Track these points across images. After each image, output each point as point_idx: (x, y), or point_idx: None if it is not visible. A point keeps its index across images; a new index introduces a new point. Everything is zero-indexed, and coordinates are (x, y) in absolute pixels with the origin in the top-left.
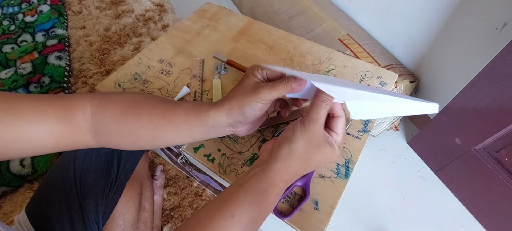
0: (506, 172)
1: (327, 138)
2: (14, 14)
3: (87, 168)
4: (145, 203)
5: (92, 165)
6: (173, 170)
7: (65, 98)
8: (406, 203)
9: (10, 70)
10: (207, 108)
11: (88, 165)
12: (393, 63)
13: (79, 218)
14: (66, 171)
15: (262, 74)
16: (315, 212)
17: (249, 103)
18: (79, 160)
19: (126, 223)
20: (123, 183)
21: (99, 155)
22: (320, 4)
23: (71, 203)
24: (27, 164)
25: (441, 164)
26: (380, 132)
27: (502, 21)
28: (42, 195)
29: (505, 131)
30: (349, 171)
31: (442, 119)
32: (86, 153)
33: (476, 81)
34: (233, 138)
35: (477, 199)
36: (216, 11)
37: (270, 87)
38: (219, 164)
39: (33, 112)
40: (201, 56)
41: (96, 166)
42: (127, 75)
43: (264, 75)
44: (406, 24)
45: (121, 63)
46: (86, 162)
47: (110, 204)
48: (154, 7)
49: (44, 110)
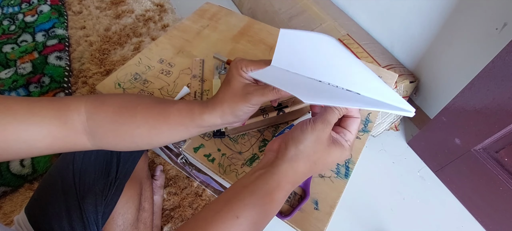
0: (506, 172)
1: (337, 138)
2: (14, 14)
3: (86, 168)
4: (144, 203)
5: (91, 165)
6: (173, 170)
7: (60, 100)
8: (406, 203)
9: (10, 70)
10: (201, 111)
11: (87, 165)
12: (393, 63)
13: (78, 218)
14: (65, 172)
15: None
16: (315, 212)
17: (241, 108)
18: (78, 160)
19: (126, 223)
20: (122, 183)
21: (98, 155)
22: (320, 4)
23: (70, 203)
24: (27, 164)
25: (441, 164)
26: (380, 132)
27: (502, 21)
28: (41, 195)
29: (505, 131)
30: (349, 171)
31: (442, 119)
32: (85, 153)
33: (476, 81)
34: (233, 138)
35: (477, 199)
36: (216, 11)
37: (260, 94)
38: (219, 164)
39: (28, 114)
40: (201, 56)
41: (95, 166)
42: (127, 75)
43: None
44: (406, 24)
45: (121, 63)
46: (85, 162)
47: (110, 204)
48: (154, 7)
49: (39, 112)
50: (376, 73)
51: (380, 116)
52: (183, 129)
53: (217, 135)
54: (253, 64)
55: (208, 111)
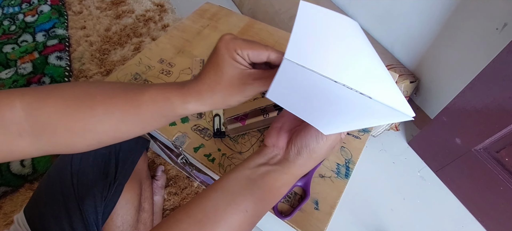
0: (506, 172)
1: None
2: (14, 14)
3: (84, 170)
4: (144, 203)
5: (89, 166)
6: (173, 170)
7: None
8: (406, 203)
9: (11, 70)
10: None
11: (85, 167)
12: (393, 63)
13: (78, 220)
14: (63, 173)
15: (243, 56)
16: (315, 212)
17: (237, 100)
18: (76, 161)
19: (125, 224)
20: (121, 184)
21: (97, 156)
22: (320, 4)
23: (70, 205)
24: (28, 164)
25: (441, 164)
26: (380, 132)
27: (502, 21)
28: (40, 196)
29: (505, 131)
30: (349, 171)
31: (443, 119)
32: (83, 154)
33: (476, 82)
34: (233, 138)
35: (477, 199)
36: (216, 11)
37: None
38: (219, 164)
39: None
40: (201, 56)
41: (93, 167)
42: (127, 75)
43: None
44: (406, 24)
45: (121, 64)
46: (83, 164)
47: (109, 205)
48: (154, 7)
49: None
50: None
51: None
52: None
53: (217, 135)
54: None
55: (193, 100)
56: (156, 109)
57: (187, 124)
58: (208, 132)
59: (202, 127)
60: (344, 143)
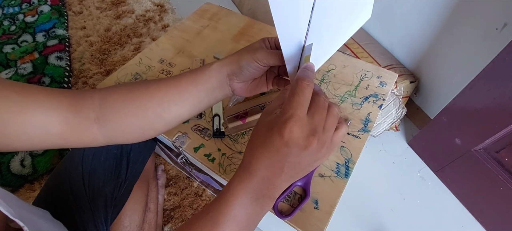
0: (506, 172)
1: None
2: (14, 15)
3: (95, 169)
4: (150, 204)
5: (100, 166)
6: (173, 170)
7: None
8: (406, 203)
9: (11, 70)
10: (211, 64)
11: (96, 166)
12: (393, 63)
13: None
14: (74, 172)
15: (271, 42)
16: (315, 211)
17: (247, 59)
18: (88, 161)
19: (132, 224)
20: (131, 184)
21: (108, 156)
22: None
23: (80, 204)
24: (28, 164)
25: (441, 164)
26: (380, 132)
27: (502, 21)
28: (48, 194)
29: (505, 131)
30: (349, 171)
31: (442, 119)
32: (95, 154)
33: (476, 82)
34: (233, 138)
35: (477, 199)
36: (216, 11)
37: (267, 52)
38: (219, 163)
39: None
40: (201, 56)
41: (104, 167)
42: (127, 75)
43: (273, 43)
44: (406, 24)
45: (122, 64)
46: (95, 163)
47: (118, 205)
48: (154, 8)
49: (57, 97)
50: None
51: (380, 115)
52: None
53: (217, 135)
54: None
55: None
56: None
57: (187, 124)
58: (208, 132)
59: (202, 127)
60: (344, 142)
